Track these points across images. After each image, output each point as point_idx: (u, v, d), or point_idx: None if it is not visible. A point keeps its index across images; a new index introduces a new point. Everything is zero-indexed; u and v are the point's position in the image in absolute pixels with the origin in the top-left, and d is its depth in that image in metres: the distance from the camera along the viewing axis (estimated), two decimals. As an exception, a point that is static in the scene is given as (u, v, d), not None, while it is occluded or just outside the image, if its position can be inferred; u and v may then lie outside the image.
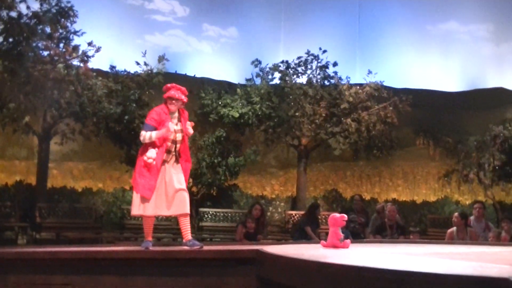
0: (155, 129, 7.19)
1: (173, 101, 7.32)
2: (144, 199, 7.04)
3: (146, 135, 7.17)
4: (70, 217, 17.80)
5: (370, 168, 27.10)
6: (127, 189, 20.36)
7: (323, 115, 20.28)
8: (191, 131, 7.34)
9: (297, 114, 19.98)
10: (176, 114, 7.41)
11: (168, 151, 7.20)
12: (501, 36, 33.85)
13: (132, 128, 17.59)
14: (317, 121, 20.28)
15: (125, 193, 20.05)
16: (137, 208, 7.15)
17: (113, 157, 21.43)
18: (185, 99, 7.44)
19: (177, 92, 7.35)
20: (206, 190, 19.74)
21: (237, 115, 19.59)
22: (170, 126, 7.14)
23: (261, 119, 20.10)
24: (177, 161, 7.29)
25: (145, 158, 7.09)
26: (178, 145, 7.29)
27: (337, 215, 7.56)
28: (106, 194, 20.29)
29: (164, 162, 7.15)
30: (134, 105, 17.70)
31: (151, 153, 7.08)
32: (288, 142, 21.67)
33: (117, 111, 17.47)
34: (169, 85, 7.56)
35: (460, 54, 33.60)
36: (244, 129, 20.55)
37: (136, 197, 7.17)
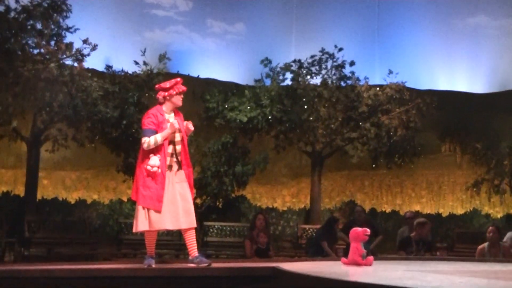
0: (156, 132, 7.13)
1: (181, 96, 7.39)
2: (153, 212, 6.95)
3: (151, 140, 7.06)
4: (62, 232, 17.73)
5: (390, 178, 27.04)
6: (125, 201, 20.35)
7: (340, 119, 20.27)
8: (191, 127, 7.33)
9: (310, 118, 19.96)
10: (172, 114, 7.40)
11: (170, 155, 7.15)
12: (536, 32, 33.69)
13: (130, 133, 17.60)
14: (332, 125, 20.26)
15: (122, 205, 20.05)
16: (143, 224, 7.02)
17: (109, 166, 21.45)
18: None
19: (181, 86, 7.42)
20: (211, 202, 19.74)
21: (245, 119, 19.59)
22: (174, 122, 7.12)
23: (272, 123, 20.09)
24: (179, 166, 7.22)
25: (148, 167, 6.95)
26: (178, 147, 7.23)
27: (358, 228, 7.53)
28: (102, 206, 20.29)
29: (168, 167, 7.09)
30: (133, 108, 17.72)
31: (154, 160, 6.97)
32: (301, 148, 21.66)
33: (114, 115, 17.49)
34: (163, 84, 7.50)
35: (490, 51, 33.50)
36: (252, 134, 20.54)
37: (141, 212, 7.01)
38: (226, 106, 20.12)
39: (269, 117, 19.84)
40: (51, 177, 25.15)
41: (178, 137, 7.20)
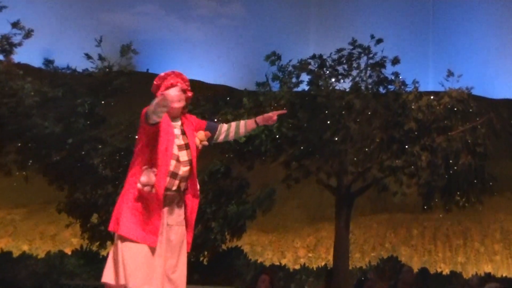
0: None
1: (176, 91, 7.15)
2: (136, 260, 6.71)
3: (149, 107, 6.90)
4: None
5: (450, 224, 26.99)
6: (68, 254, 20.31)
7: (377, 140, 20.25)
8: (199, 142, 7.12)
9: (336, 138, 19.94)
10: (178, 122, 7.23)
11: (172, 174, 6.94)
12: None
13: (79, 157, 17.58)
14: (367, 149, 20.25)
15: (64, 260, 20.03)
16: (108, 273, 6.81)
17: (47, 203, 21.46)
18: (185, 86, 7.24)
19: (179, 79, 7.18)
20: (193, 256, 19.71)
21: (243, 139, 19.57)
22: (170, 92, 6.84)
23: (280, 145, 20.08)
24: (181, 197, 7.07)
25: (139, 185, 6.80)
26: (183, 169, 7.08)
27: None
28: (35, 261, 20.27)
29: (166, 191, 6.88)
30: (83, 121, 17.70)
31: (147, 176, 6.76)
32: (322, 181, 21.61)
33: (56, 131, 17.46)
34: (162, 74, 7.36)
35: None
36: (253, 160, 20.52)
37: (119, 249, 6.78)
38: (216, 119, 20.13)
39: (277, 136, 19.82)
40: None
41: (184, 156, 7.05)
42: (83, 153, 17.55)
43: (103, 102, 17.95)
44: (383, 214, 27.45)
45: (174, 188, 6.88)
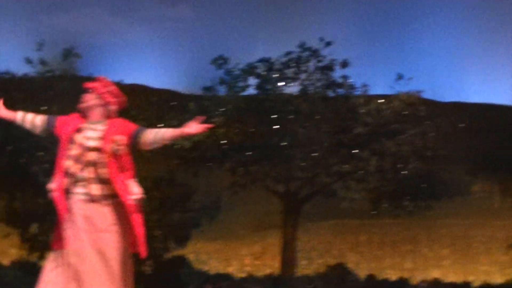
0: (52, 124, 6.87)
1: (85, 98, 7.06)
2: (53, 258, 6.78)
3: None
4: None
5: (398, 230, 27.11)
6: (6, 265, 20.13)
7: (325, 144, 20.31)
8: (116, 146, 6.88)
9: (283, 143, 19.99)
10: (99, 126, 7.06)
11: (69, 176, 6.84)
12: None
13: (18, 164, 17.43)
14: (315, 154, 20.30)
15: (1, 271, 19.80)
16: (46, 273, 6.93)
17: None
18: (102, 89, 7.06)
19: (97, 84, 7.07)
20: (135, 266, 19.60)
21: (188, 144, 19.55)
22: None
23: (227, 151, 20.06)
24: (100, 199, 6.91)
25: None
26: (86, 170, 6.86)
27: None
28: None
29: (69, 196, 6.81)
30: (22, 128, 17.51)
31: (53, 182, 6.75)
32: (269, 187, 21.64)
33: (-7, 138, 17.34)
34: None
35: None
36: (198, 166, 20.48)
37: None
38: (161, 125, 20.06)
39: (223, 141, 19.81)
40: None
41: (93, 157, 6.85)
42: (22, 160, 17.36)
43: (44, 107, 17.78)
44: (331, 220, 27.60)
45: (76, 191, 6.69)
